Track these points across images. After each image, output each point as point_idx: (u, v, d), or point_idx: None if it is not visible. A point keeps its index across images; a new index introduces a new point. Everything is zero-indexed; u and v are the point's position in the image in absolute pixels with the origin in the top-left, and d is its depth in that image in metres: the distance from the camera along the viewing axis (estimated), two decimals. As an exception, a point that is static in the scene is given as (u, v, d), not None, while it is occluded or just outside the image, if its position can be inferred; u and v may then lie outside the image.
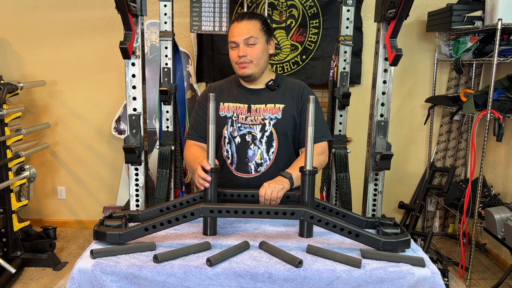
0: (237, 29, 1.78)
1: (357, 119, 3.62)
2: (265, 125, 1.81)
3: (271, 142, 1.82)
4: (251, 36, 1.76)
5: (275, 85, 1.86)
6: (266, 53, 1.82)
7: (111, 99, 3.69)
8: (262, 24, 1.80)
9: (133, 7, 1.99)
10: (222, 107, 1.87)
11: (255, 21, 1.79)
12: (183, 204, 1.54)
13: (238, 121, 1.83)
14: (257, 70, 1.81)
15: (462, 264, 2.99)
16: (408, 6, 1.84)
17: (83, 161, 3.80)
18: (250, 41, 1.76)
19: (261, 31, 1.79)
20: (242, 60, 1.77)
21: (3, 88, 2.85)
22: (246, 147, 1.82)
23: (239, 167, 1.83)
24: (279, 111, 1.82)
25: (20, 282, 2.94)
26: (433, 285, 1.26)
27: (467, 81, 3.49)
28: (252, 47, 1.77)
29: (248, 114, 1.83)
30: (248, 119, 1.83)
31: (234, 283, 1.24)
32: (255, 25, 1.78)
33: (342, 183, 2.54)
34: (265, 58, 1.82)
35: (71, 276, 1.26)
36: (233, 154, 1.84)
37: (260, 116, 1.82)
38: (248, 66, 1.79)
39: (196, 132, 1.90)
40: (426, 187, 3.53)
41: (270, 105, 1.84)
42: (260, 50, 1.79)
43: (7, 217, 2.99)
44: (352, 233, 1.35)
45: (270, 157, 1.82)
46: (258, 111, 1.83)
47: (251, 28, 1.77)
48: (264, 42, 1.80)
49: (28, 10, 3.57)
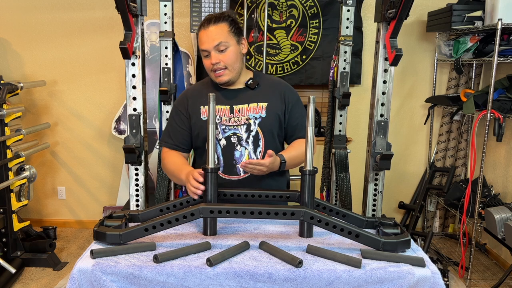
0: (205, 36, 1.72)
1: (357, 119, 3.62)
2: (250, 125, 1.78)
3: (258, 141, 1.79)
4: (220, 42, 1.70)
5: (255, 83, 1.82)
6: (239, 54, 1.78)
7: (111, 99, 3.69)
8: (230, 26, 1.74)
9: (133, 7, 1.99)
10: (203, 111, 1.82)
11: (222, 24, 1.72)
12: (183, 204, 1.54)
13: (222, 123, 1.79)
14: (233, 74, 1.77)
15: (462, 264, 2.99)
16: (408, 6, 1.84)
17: (83, 161, 3.80)
18: (221, 47, 1.71)
19: (230, 34, 1.73)
20: (216, 67, 1.73)
21: (3, 88, 2.85)
22: (232, 149, 1.78)
23: (227, 170, 1.80)
24: (263, 110, 1.80)
25: (20, 282, 2.94)
26: (433, 285, 1.26)
27: (467, 81, 3.49)
28: (224, 52, 1.72)
29: (231, 116, 1.80)
30: (231, 120, 1.79)
31: (234, 283, 1.24)
32: (222, 28, 1.72)
33: (342, 183, 2.54)
34: (239, 60, 1.78)
35: (71, 276, 1.26)
36: (219, 158, 1.80)
37: (244, 117, 1.79)
38: (223, 73, 1.75)
39: (172, 140, 1.86)
40: (426, 187, 3.53)
41: (253, 104, 1.80)
42: (233, 54, 1.74)
43: (7, 217, 2.99)
44: (352, 233, 1.35)
45: (258, 156, 1.79)
46: (242, 112, 1.79)
47: (219, 33, 1.71)
48: (235, 44, 1.75)
49: (28, 10, 3.57)
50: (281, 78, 3.55)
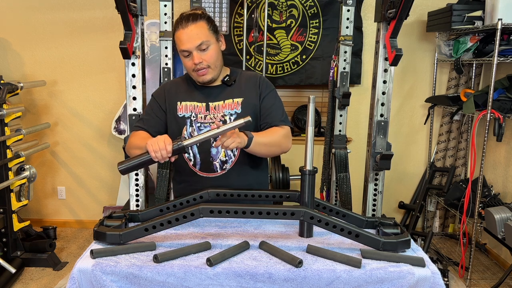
0: (186, 36, 1.68)
1: (357, 119, 3.62)
2: (225, 121, 1.76)
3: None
4: (202, 41, 1.67)
5: (232, 80, 1.81)
6: (219, 52, 1.76)
7: (111, 99, 3.69)
8: (208, 24, 1.71)
9: (133, 7, 1.99)
10: (179, 107, 1.80)
11: (201, 23, 1.69)
12: (183, 204, 1.54)
13: (197, 120, 1.78)
14: (215, 72, 1.76)
15: (462, 264, 2.99)
16: (408, 6, 1.85)
17: (83, 161, 3.80)
18: (203, 46, 1.68)
19: (209, 32, 1.70)
20: (199, 67, 1.71)
21: (3, 88, 2.85)
22: (208, 146, 1.77)
23: (204, 168, 1.79)
24: (238, 106, 1.77)
25: (20, 282, 2.94)
26: (433, 285, 1.26)
27: (467, 81, 3.49)
28: (206, 51, 1.70)
29: (207, 113, 1.78)
30: (207, 118, 1.78)
31: (234, 283, 1.24)
32: (202, 27, 1.69)
33: (342, 183, 2.54)
34: (220, 58, 1.76)
35: (71, 276, 1.26)
36: (195, 155, 1.79)
37: (220, 113, 1.77)
38: (207, 71, 1.73)
39: (144, 125, 1.83)
40: (426, 187, 3.53)
41: (229, 100, 1.79)
42: (215, 52, 1.72)
43: (7, 217, 2.99)
44: (352, 233, 1.35)
45: (235, 153, 1.78)
46: (217, 109, 1.78)
47: (200, 32, 1.68)
48: (215, 42, 1.73)
49: (28, 10, 3.57)
50: (281, 78, 3.61)
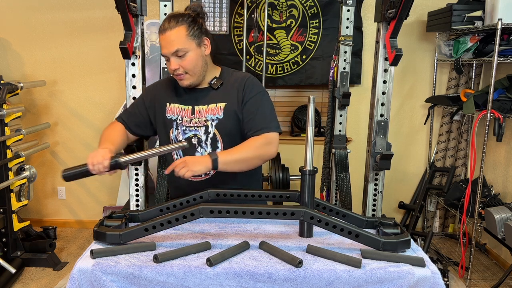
0: (163, 41, 1.64)
1: (357, 119, 3.62)
2: (208, 127, 1.74)
3: (216, 143, 1.74)
4: (177, 49, 1.63)
5: (218, 83, 1.75)
6: (201, 57, 1.69)
7: (111, 99, 3.69)
8: (189, 28, 1.64)
9: (133, 7, 1.99)
10: (168, 109, 1.78)
11: (179, 28, 1.63)
12: (183, 204, 1.54)
13: (183, 124, 1.76)
14: (194, 79, 1.72)
15: (462, 264, 2.99)
16: (408, 6, 1.85)
17: (83, 161, 3.78)
18: (179, 53, 1.64)
19: (188, 38, 1.64)
20: (177, 73, 1.69)
21: (3, 88, 2.85)
22: (193, 150, 1.75)
23: None
24: (220, 111, 1.73)
25: (20, 282, 2.94)
26: (433, 285, 1.26)
27: (467, 81, 3.49)
28: (183, 58, 1.65)
29: (192, 117, 1.75)
30: (192, 122, 1.75)
31: (234, 283, 1.24)
32: (179, 33, 1.63)
33: (342, 183, 2.54)
34: (200, 64, 1.70)
35: (71, 276, 1.26)
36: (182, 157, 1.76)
37: (203, 118, 1.74)
38: (184, 77, 1.70)
39: (126, 118, 1.84)
40: (426, 187, 3.53)
41: (212, 105, 1.75)
42: (192, 59, 1.66)
43: (7, 217, 2.99)
44: (352, 233, 1.35)
45: None
46: (201, 113, 1.75)
47: (176, 39, 1.62)
48: (195, 48, 1.66)
49: (28, 10, 3.57)
50: (281, 78, 3.61)
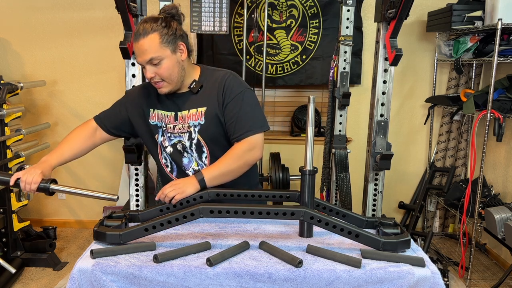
0: (137, 49, 1.62)
1: (357, 119, 3.62)
2: (191, 133, 1.72)
3: (201, 148, 1.72)
4: (151, 57, 1.59)
5: (197, 87, 1.72)
6: (177, 63, 1.65)
7: (111, 99, 3.64)
8: (161, 35, 1.60)
9: (133, 7, 1.99)
10: (152, 115, 1.76)
11: (152, 36, 1.59)
12: (183, 204, 1.54)
13: (167, 130, 1.74)
14: (172, 85, 1.69)
15: (462, 264, 2.99)
16: (408, 6, 1.85)
17: (83, 161, 3.78)
18: (154, 62, 1.61)
19: (161, 46, 1.60)
20: (154, 81, 1.66)
21: (3, 88, 2.85)
22: (180, 155, 1.74)
23: (180, 175, 1.75)
24: (201, 116, 1.70)
25: (20, 282, 2.94)
26: (433, 285, 1.26)
27: (467, 81, 3.49)
28: (158, 66, 1.62)
29: (175, 123, 1.73)
30: (176, 128, 1.73)
31: (234, 283, 1.24)
32: (152, 41, 1.59)
33: (342, 183, 2.54)
34: (177, 70, 1.66)
35: (71, 276, 1.26)
36: (171, 162, 1.77)
37: (186, 124, 1.72)
38: (162, 85, 1.67)
39: (103, 116, 1.84)
40: (426, 187, 3.53)
41: (193, 110, 1.72)
42: (168, 67, 1.63)
43: (7, 217, 2.99)
44: (352, 233, 1.35)
45: (205, 162, 1.73)
46: (184, 119, 1.72)
47: (149, 48, 1.59)
48: (169, 55, 1.63)
49: (28, 10, 3.57)
50: (281, 78, 3.61)
